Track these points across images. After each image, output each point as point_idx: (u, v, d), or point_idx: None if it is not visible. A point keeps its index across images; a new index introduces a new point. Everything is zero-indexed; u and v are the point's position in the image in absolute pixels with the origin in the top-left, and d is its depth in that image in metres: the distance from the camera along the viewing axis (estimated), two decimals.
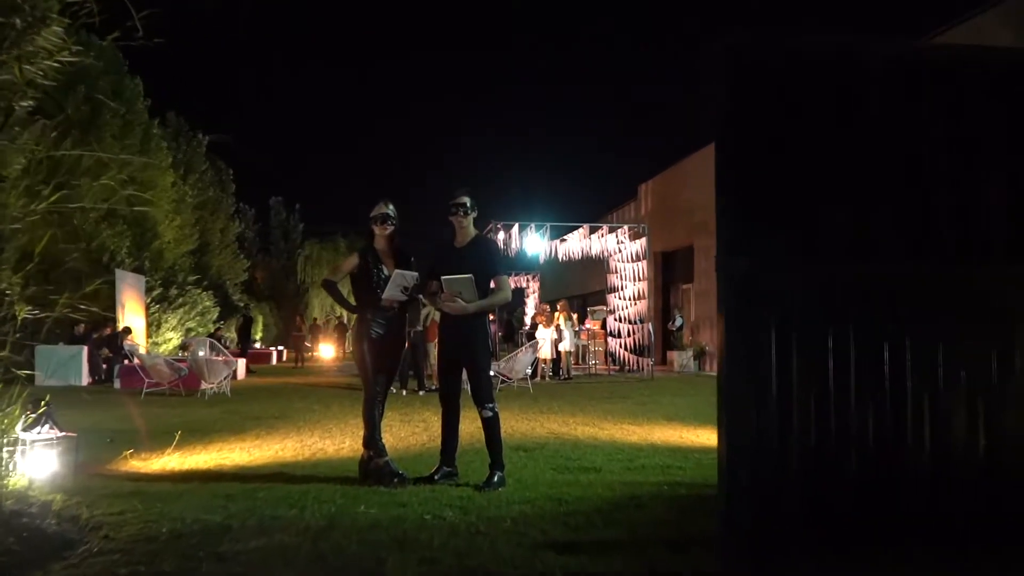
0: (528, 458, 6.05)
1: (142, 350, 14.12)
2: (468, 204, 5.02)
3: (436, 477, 4.98)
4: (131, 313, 20.53)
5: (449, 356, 5.05)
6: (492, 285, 5.05)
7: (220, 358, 12.46)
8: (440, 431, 5.16)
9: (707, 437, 7.36)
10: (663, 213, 22.90)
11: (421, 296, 5.42)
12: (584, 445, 6.79)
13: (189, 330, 31.65)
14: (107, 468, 5.55)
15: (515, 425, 8.21)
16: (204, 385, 12.12)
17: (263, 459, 6.01)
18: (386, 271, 5.01)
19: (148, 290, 26.47)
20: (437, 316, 5.28)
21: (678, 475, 5.36)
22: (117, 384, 13.95)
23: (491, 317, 5.34)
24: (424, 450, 6.51)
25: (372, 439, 4.94)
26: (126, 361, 14.21)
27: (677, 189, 22.83)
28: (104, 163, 24.11)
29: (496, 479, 4.81)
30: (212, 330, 29.81)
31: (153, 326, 27.62)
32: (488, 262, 4.98)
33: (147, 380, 12.20)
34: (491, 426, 4.89)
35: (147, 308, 25.53)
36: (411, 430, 7.81)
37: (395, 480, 4.78)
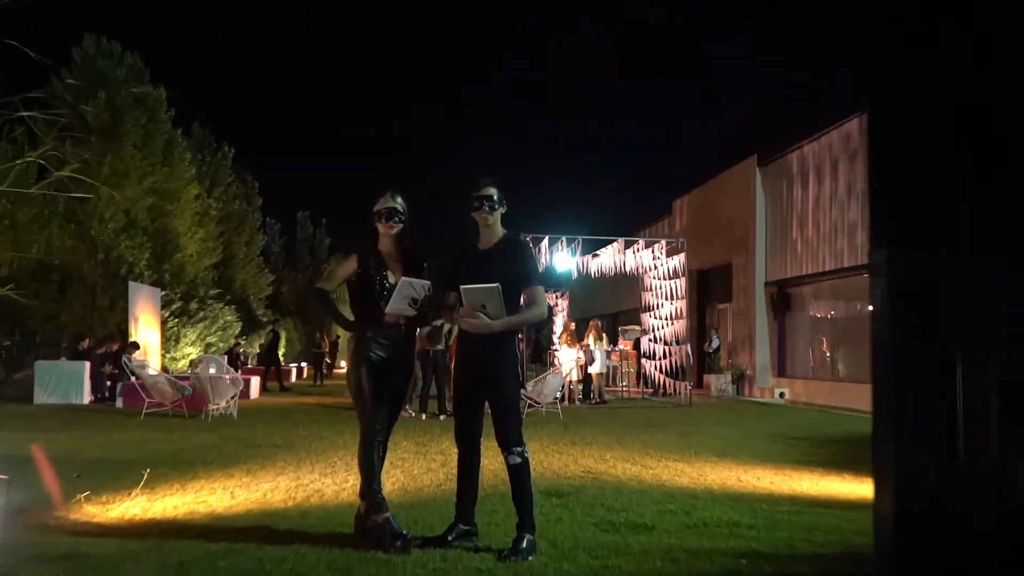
0: (563, 507, 5.02)
1: (151, 368, 13.28)
2: (495, 197, 4.03)
3: (449, 538, 3.97)
4: (145, 327, 19.79)
5: (468, 386, 4.04)
6: (523, 298, 4.07)
7: (227, 377, 11.56)
8: (457, 478, 4.16)
9: (769, 481, 6.28)
10: (699, 229, 21.82)
11: (434, 314, 4.27)
12: (628, 490, 5.74)
13: (209, 345, 31.00)
14: (52, 516, 4.59)
15: (545, 460, 7.18)
16: (209, 406, 11.22)
17: (246, 504, 5.03)
18: (391, 279, 4.05)
19: (167, 304, 25.79)
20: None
21: (751, 538, 4.30)
22: (119, 403, 13.12)
23: (519, 336, 4.24)
24: (440, 493, 5.50)
25: (369, 491, 3.94)
26: (132, 378, 13.38)
27: (714, 204, 21.76)
28: (124, 173, 23.71)
29: (525, 544, 3.79)
30: (231, 345, 29.15)
31: (171, 340, 26.94)
32: (519, 269, 3.98)
33: (147, 400, 11.33)
34: (520, 475, 3.88)
35: (164, 322, 24.85)
36: (426, 465, 6.81)
37: (397, 543, 3.77)
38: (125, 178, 23.85)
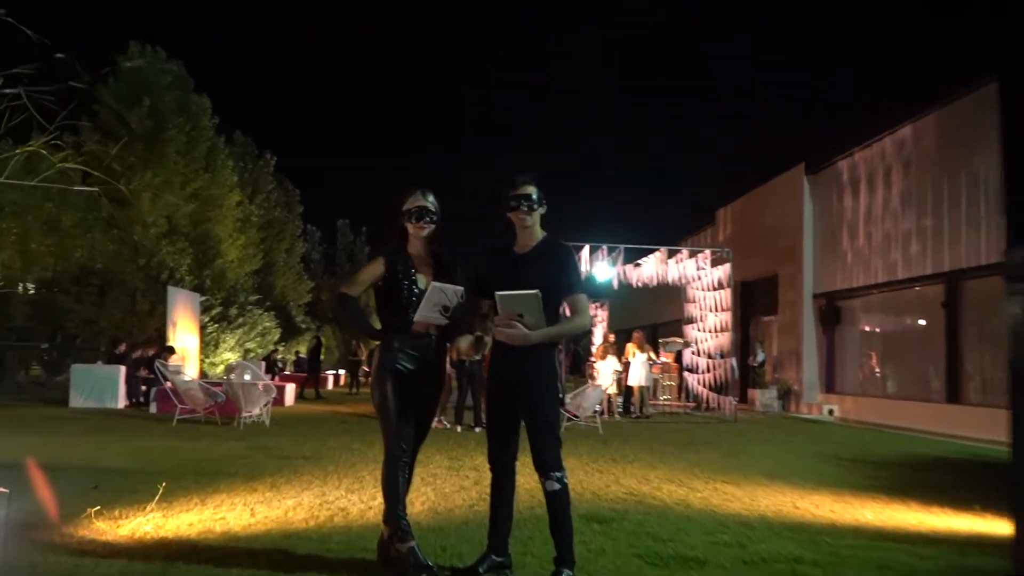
0: (604, 535, 4.62)
1: (186, 374, 13.14)
2: (534, 196, 3.66)
3: (481, 570, 3.60)
4: (183, 332, 19.76)
5: (501, 404, 3.66)
6: (564, 308, 3.69)
7: (259, 384, 11.35)
8: (489, 501, 3.78)
9: (828, 509, 5.81)
10: (744, 239, 21.21)
11: (468, 323, 3.88)
12: (675, 515, 5.32)
13: (248, 351, 31.11)
14: (56, 533, 4.31)
15: (584, 479, 6.78)
16: (242, 413, 11.01)
17: (265, 523, 4.71)
18: (421, 283, 3.71)
19: (207, 309, 25.88)
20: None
21: None
22: (153, 408, 13.01)
23: (559, 348, 3.83)
24: (472, 514, 5.14)
25: (393, 516, 3.58)
26: (167, 384, 13.27)
27: (759, 214, 21.16)
28: (167, 179, 23.84)
29: None
30: (268, 352, 29.16)
31: (211, 346, 27.04)
32: (561, 275, 3.61)
33: (180, 406, 11.16)
34: (558, 503, 3.49)
35: (203, 327, 24.92)
36: (458, 482, 6.45)
37: (422, 575, 3.41)
38: (167, 184, 24.04)
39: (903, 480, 7.51)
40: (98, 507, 4.68)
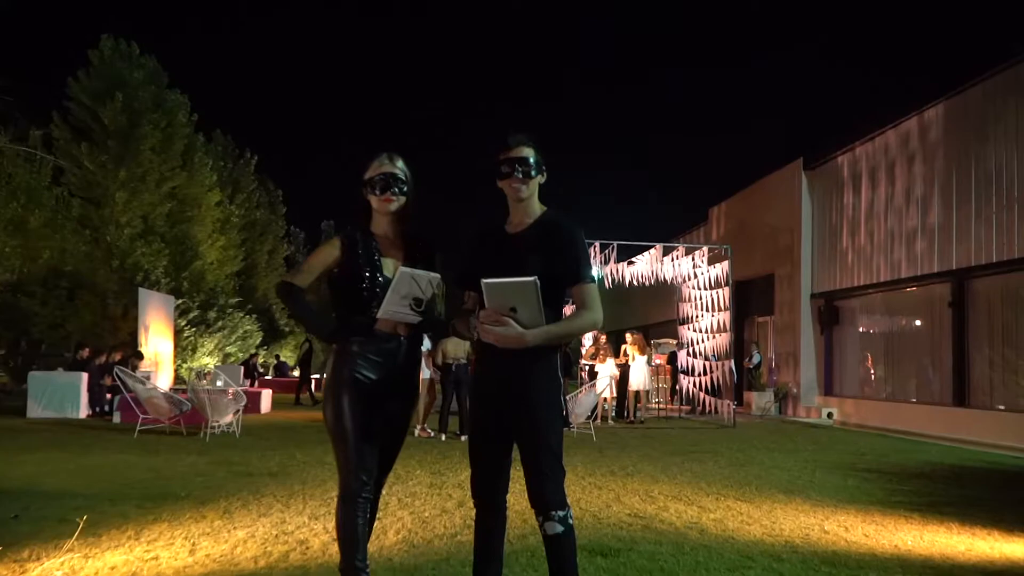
0: (611, 573, 3.88)
1: (149, 382, 12.27)
2: (531, 160, 2.90)
3: None
4: (156, 336, 18.89)
5: (489, 423, 2.88)
6: (569, 303, 2.95)
7: (228, 392, 10.54)
8: (473, 540, 3.02)
9: (861, 532, 5.09)
10: (738, 238, 20.51)
11: (453, 324, 3.06)
12: (690, 544, 4.58)
13: (228, 355, 30.24)
14: None
15: (583, 498, 6.04)
16: (210, 422, 10.20)
17: (205, 564, 3.94)
18: (387, 270, 2.96)
19: (184, 312, 24.99)
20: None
21: None
22: (117, 418, 12.16)
23: (561, 351, 3.00)
24: (454, 547, 4.39)
25: (351, 569, 2.81)
26: (129, 392, 12.43)
27: (755, 212, 20.49)
28: (141, 177, 22.94)
29: None
30: (248, 356, 28.30)
31: (188, 350, 26.13)
32: (565, 258, 2.83)
33: (142, 416, 10.34)
34: (561, 549, 2.73)
35: (179, 331, 24.01)
36: (440, 504, 5.69)
37: None
38: (142, 182, 23.16)
39: (931, 494, 6.82)
40: (1, 548, 3.90)
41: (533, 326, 2.70)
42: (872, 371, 16.59)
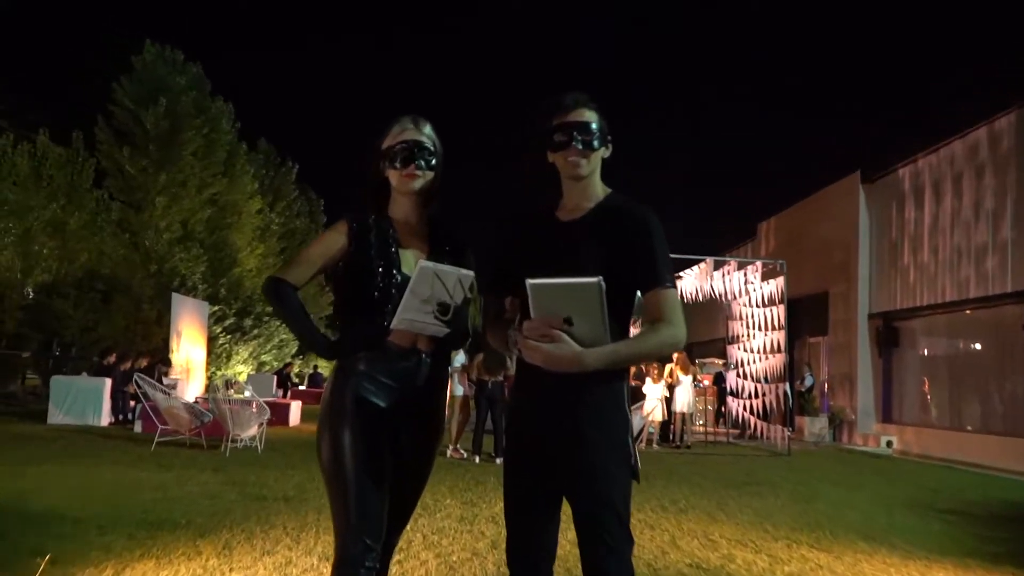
0: None
1: (169, 391, 11.77)
2: (594, 127, 2.18)
3: None
4: (189, 342, 18.53)
5: (531, 472, 2.15)
6: (639, 318, 2.24)
7: (252, 404, 9.98)
8: None
9: None
10: (789, 254, 19.47)
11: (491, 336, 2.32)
12: None
13: (263, 363, 29.99)
14: None
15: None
16: (231, 436, 9.63)
17: None
18: (406, 266, 2.28)
19: (219, 319, 24.75)
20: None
21: None
22: (138, 427, 11.67)
23: (631, 374, 2.21)
24: None
25: None
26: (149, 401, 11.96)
27: (808, 226, 19.51)
28: (182, 183, 22.75)
29: None
30: (283, 365, 28.02)
31: (222, 358, 25.87)
32: (638, 254, 2.12)
33: (161, 426, 9.83)
34: None
35: (214, 338, 23.71)
36: (471, 543, 4.98)
37: None
38: (183, 187, 22.97)
39: None
40: None
41: (594, 343, 1.97)
42: (935, 397, 15.53)
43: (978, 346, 14.45)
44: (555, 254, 2.15)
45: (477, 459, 9.88)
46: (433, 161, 2.33)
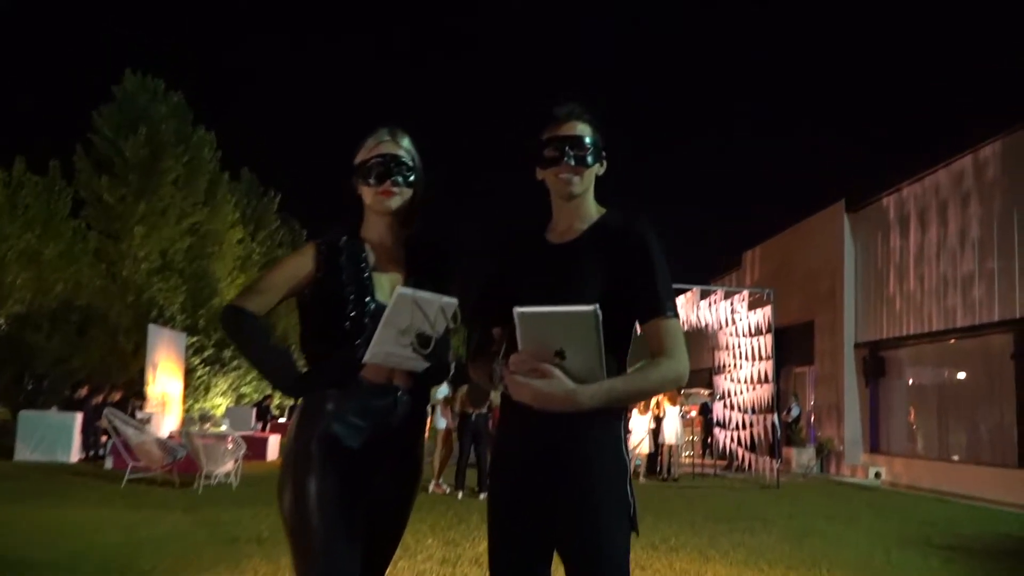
0: None
1: (138, 426, 11.37)
2: (588, 141, 2.00)
3: None
4: (165, 375, 18.09)
5: (519, 527, 1.93)
6: (637, 352, 2.03)
7: (226, 439, 9.65)
8: None
9: None
10: (774, 283, 19.41)
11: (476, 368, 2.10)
12: None
13: (242, 396, 29.47)
14: None
15: None
16: (204, 472, 9.29)
17: None
18: (381, 292, 2.07)
19: (198, 350, 24.31)
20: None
21: None
22: (109, 463, 11.27)
23: (629, 417, 1.97)
24: None
25: None
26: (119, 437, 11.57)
27: (793, 255, 19.47)
28: (162, 211, 22.46)
29: None
30: (262, 397, 27.52)
31: (200, 390, 25.37)
32: (638, 280, 1.92)
33: (131, 463, 9.47)
34: None
35: (191, 371, 23.25)
36: None
37: None
38: (162, 217, 22.69)
39: None
40: None
41: (589, 379, 1.76)
42: (924, 428, 15.39)
43: (965, 376, 14.35)
44: (546, 280, 1.95)
45: (460, 495, 9.58)
46: (412, 177, 2.13)
